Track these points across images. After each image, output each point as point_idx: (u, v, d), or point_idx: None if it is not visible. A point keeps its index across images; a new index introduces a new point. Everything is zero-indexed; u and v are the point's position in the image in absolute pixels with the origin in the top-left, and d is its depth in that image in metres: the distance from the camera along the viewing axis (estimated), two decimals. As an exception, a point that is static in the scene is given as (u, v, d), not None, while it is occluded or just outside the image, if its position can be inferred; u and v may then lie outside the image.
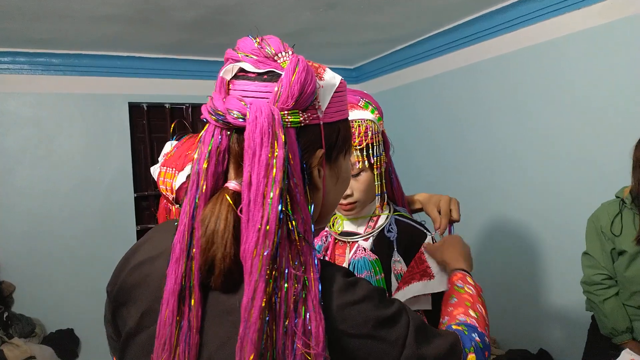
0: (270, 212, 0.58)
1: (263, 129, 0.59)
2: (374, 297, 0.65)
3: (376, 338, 0.62)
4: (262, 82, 0.64)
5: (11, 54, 3.02)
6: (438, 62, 3.32)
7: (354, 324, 0.62)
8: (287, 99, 0.62)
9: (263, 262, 0.57)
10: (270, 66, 0.64)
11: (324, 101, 0.67)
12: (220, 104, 0.64)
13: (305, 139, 0.65)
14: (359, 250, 1.17)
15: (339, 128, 0.71)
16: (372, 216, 1.21)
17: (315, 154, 0.67)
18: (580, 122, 2.40)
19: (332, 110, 0.68)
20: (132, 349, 0.70)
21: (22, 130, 3.12)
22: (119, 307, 0.74)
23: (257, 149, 0.59)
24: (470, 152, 3.11)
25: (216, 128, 0.65)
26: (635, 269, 1.75)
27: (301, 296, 0.59)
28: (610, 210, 1.84)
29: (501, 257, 2.90)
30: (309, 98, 0.64)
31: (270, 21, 2.73)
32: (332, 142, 0.69)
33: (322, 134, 0.67)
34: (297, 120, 0.63)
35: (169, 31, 2.83)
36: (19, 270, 3.06)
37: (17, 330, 2.82)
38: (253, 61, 0.65)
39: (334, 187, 0.74)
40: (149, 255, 0.72)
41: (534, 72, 2.63)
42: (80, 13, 2.42)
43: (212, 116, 0.64)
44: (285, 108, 0.62)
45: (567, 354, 2.51)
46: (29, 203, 3.12)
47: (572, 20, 2.41)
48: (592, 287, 1.89)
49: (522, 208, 2.76)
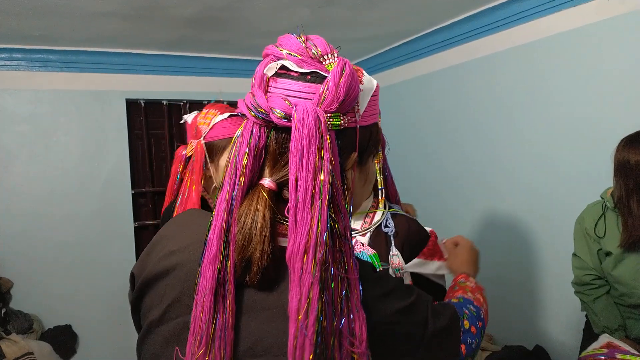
0: (321, 215, 0.58)
1: (311, 132, 0.59)
2: (399, 287, 0.70)
3: (404, 323, 0.67)
4: (306, 83, 0.63)
5: (8, 50, 3.02)
6: (437, 59, 3.32)
7: (386, 315, 0.65)
8: (332, 101, 0.61)
9: (318, 264, 0.57)
10: (315, 67, 0.64)
11: (363, 105, 0.68)
12: (263, 101, 0.63)
13: (343, 141, 0.65)
14: (357, 245, 1.19)
15: (371, 131, 0.72)
16: (368, 212, 1.23)
17: (351, 156, 0.67)
18: (572, 121, 2.42)
19: (368, 113, 0.69)
20: (154, 339, 0.69)
21: (19, 126, 3.12)
22: (143, 295, 0.73)
23: (304, 151, 0.59)
24: (470, 150, 3.11)
25: (254, 125, 0.65)
26: (622, 270, 1.77)
27: (346, 296, 0.60)
28: (593, 211, 1.86)
29: (497, 253, 2.91)
30: (352, 102, 0.65)
31: (267, 17, 2.72)
32: (364, 145, 0.71)
33: (357, 138, 0.67)
34: (338, 123, 0.63)
35: (166, 28, 2.82)
36: (16, 266, 3.06)
37: (14, 327, 2.82)
38: (297, 60, 0.64)
39: (361, 189, 0.76)
40: (179, 246, 0.71)
41: (529, 70, 2.64)
42: (77, 9, 2.42)
43: (252, 112, 0.64)
44: (329, 111, 0.62)
45: (563, 350, 2.52)
46: (26, 200, 3.12)
47: (566, 18, 2.41)
48: (582, 287, 1.91)
49: (519, 206, 2.77)
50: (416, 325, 0.69)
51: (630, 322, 1.82)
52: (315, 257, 0.57)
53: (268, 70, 0.65)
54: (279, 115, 0.61)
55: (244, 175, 0.64)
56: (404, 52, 3.53)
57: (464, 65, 3.10)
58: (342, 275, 0.60)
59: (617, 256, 1.76)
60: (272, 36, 3.10)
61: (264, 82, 0.65)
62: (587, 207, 1.90)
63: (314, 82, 0.63)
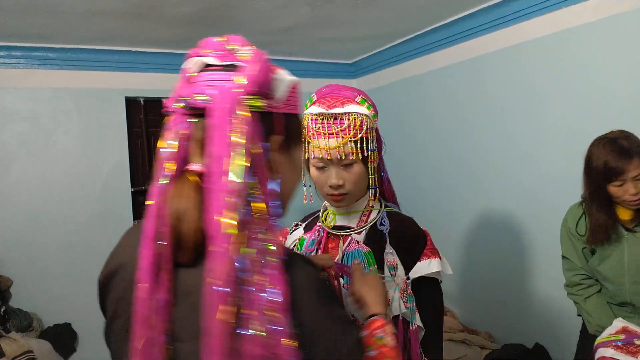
0: (234, 184, 0.62)
1: (227, 108, 0.64)
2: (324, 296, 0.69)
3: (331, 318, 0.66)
4: (225, 72, 0.69)
5: (7, 48, 3.01)
6: (428, 60, 3.33)
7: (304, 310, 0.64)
8: (249, 84, 0.67)
9: (232, 243, 0.60)
10: (232, 59, 0.70)
11: (281, 93, 0.73)
12: (186, 91, 0.68)
13: (265, 123, 0.70)
14: (352, 243, 1.19)
15: (292, 121, 0.77)
16: (364, 211, 1.23)
17: (274, 138, 0.72)
18: (563, 122, 2.43)
19: (288, 103, 0.75)
20: (113, 338, 0.74)
21: (19, 125, 3.12)
22: (104, 299, 0.78)
23: (221, 125, 0.64)
24: (461, 150, 3.11)
25: (180, 115, 0.69)
26: (607, 266, 1.78)
27: (265, 263, 0.62)
28: (575, 212, 1.89)
29: (497, 252, 2.91)
30: (269, 86, 0.70)
31: (266, 16, 2.72)
32: (289, 131, 0.75)
33: (280, 122, 0.72)
34: (258, 104, 0.68)
35: (165, 26, 2.82)
36: (16, 264, 3.06)
37: (14, 325, 2.82)
38: (217, 55, 0.70)
39: (290, 174, 0.78)
40: (124, 247, 0.77)
41: (519, 71, 2.67)
42: (76, 7, 2.41)
43: (176, 104, 0.69)
44: (247, 92, 0.67)
45: (562, 348, 2.52)
46: (25, 198, 3.12)
47: (555, 20, 2.44)
48: (573, 288, 1.93)
49: (513, 206, 2.77)
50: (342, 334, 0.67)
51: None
52: (229, 235, 0.60)
53: (189, 64, 0.71)
54: (200, 99, 0.66)
55: (170, 162, 0.68)
56: (394, 53, 3.54)
57: (455, 67, 3.11)
58: (262, 243, 0.62)
59: (601, 253, 1.78)
60: (272, 34, 3.12)
61: (186, 77, 0.71)
62: (570, 208, 1.93)
63: (231, 71, 0.69)
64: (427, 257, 1.16)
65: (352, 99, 1.15)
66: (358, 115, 1.13)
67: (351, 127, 1.12)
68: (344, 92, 1.17)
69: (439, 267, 1.15)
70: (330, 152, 1.12)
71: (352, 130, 1.12)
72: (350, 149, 1.12)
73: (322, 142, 1.12)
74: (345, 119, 1.12)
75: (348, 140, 1.11)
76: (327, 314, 0.67)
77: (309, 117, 1.16)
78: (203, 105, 0.66)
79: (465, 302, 3.20)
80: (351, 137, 1.12)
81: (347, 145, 1.12)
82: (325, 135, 1.12)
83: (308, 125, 1.15)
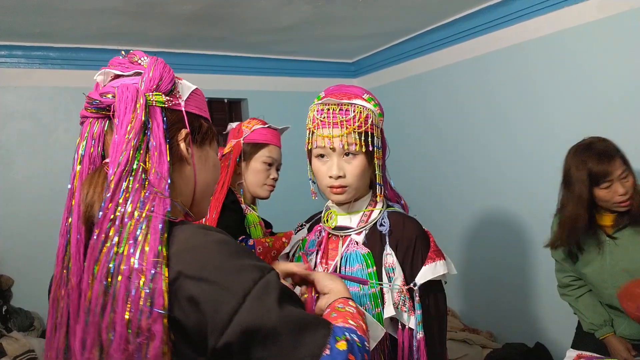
0: (120, 160, 0.70)
1: (128, 99, 0.73)
2: (227, 245, 0.69)
3: (214, 283, 0.64)
4: (131, 77, 0.80)
5: (8, 47, 3.01)
6: (430, 59, 3.32)
7: (192, 267, 0.65)
8: (150, 82, 0.77)
9: (106, 202, 0.68)
10: (136, 68, 0.80)
11: (184, 94, 0.83)
12: (96, 94, 0.77)
13: (170, 118, 0.79)
14: (352, 244, 1.18)
15: (201, 122, 0.86)
16: (365, 211, 1.22)
17: (181, 131, 0.80)
18: (565, 121, 2.43)
19: (192, 105, 0.84)
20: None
21: (19, 124, 3.12)
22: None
23: (122, 113, 0.73)
24: (463, 149, 3.11)
25: (93, 120, 0.78)
26: (590, 270, 1.81)
27: (141, 233, 0.66)
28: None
29: (498, 251, 2.91)
30: (169, 84, 0.80)
31: (268, 14, 2.71)
32: (196, 128, 0.84)
33: (185, 118, 0.81)
34: (161, 100, 0.78)
35: (166, 25, 2.82)
36: (17, 264, 3.06)
37: (15, 324, 2.82)
38: (122, 68, 0.81)
39: (204, 168, 0.86)
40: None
41: (521, 70, 2.67)
42: (77, 6, 2.41)
43: (88, 109, 0.78)
44: (150, 89, 0.77)
45: (563, 347, 2.51)
46: (26, 197, 3.12)
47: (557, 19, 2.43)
48: (565, 289, 1.98)
49: (515, 204, 2.77)
50: (229, 292, 0.65)
51: (616, 320, 1.85)
52: (106, 195, 0.68)
53: (98, 76, 0.82)
54: (108, 97, 0.75)
55: (82, 161, 0.77)
56: (405, 49, 3.52)
57: (457, 65, 3.10)
58: (140, 217, 0.67)
59: (584, 257, 1.80)
60: (272, 33, 3.11)
61: (96, 86, 0.81)
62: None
63: (137, 76, 0.79)
64: (432, 260, 1.14)
65: (359, 95, 1.16)
66: (364, 109, 1.14)
67: (356, 118, 1.12)
68: (351, 89, 1.18)
69: (445, 269, 1.14)
70: (334, 141, 1.12)
71: (357, 121, 1.12)
72: (354, 140, 1.12)
73: (326, 131, 1.12)
74: (351, 110, 1.12)
75: (352, 131, 1.11)
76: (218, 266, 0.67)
77: (315, 108, 1.16)
78: (108, 102, 0.75)
79: (466, 301, 3.20)
80: (355, 128, 1.11)
81: (350, 135, 1.12)
82: (329, 125, 1.12)
83: (314, 116, 1.15)
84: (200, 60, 3.54)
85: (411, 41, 3.41)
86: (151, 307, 0.62)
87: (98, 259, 0.66)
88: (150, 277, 0.63)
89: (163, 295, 0.62)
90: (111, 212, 0.67)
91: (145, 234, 0.66)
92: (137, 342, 0.62)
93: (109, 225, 0.67)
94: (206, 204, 0.90)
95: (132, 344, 0.62)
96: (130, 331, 0.62)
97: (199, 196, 0.85)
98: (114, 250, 0.65)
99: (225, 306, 0.63)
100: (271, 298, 0.66)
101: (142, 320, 0.62)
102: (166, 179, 0.73)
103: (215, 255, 0.67)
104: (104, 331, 0.63)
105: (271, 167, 1.81)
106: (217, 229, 0.73)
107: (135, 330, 0.62)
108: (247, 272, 0.67)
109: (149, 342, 0.62)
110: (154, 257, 0.64)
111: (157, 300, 0.62)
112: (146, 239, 0.65)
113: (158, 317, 0.62)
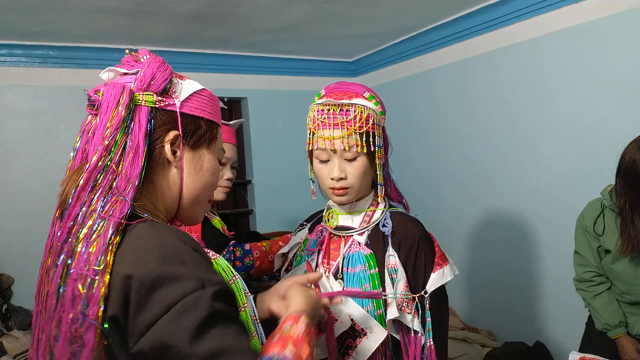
0: (93, 159, 0.70)
1: (111, 97, 0.73)
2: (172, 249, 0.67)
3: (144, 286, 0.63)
4: (131, 75, 0.79)
5: (8, 46, 3.01)
6: (438, 55, 3.31)
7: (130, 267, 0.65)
8: (142, 81, 0.76)
9: (73, 199, 0.69)
10: (138, 66, 0.79)
11: (182, 94, 0.80)
12: (92, 91, 0.77)
13: (159, 118, 0.78)
14: (354, 245, 1.17)
15: (199, 124, 0.82)
16: (367, 211, 1.21)
17: (169, 133, 0.78)
18: (575, 119, 2.41)
19: (192, 105, 0.81)
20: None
21: (19, 123, 3.11)
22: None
23: (102, 111, 0.73)
24: (472, 147, 3.11)
25: (90, 116, 0.78)
26: (622, 266, 1.77)
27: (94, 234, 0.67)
28: (593, 209, 1.86)
29: (498, 250, 2.91)
30: (162, 83, 0.78)
31: (267, 13, 2.71)
32: (190, 130, 0.81)
33: (179, 119, 0.79)
34: (151, 100, 0.76)
35: (166, 24, 2.81)
36: (17, 262, 3.06)
37: (16, 323, 2.83)
38: (127, 66, 0.81)
39: (194, 171, 0.82)
40: None
41: (531, 67, 2.63)
42: (77, 5, 2.41)
43: (88, 106, 0.78)
44: (141, 89, 0.76)
45: (563, 346, 2.53)
46: (26, 196, 3.12)
47: (569, 15, 2.40)
48: (583, 284, 1.92)
49: (520, 204, 2.76)
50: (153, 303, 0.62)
51: (632, 319, 1.82)
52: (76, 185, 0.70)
53: (103, 74, 0.82)
54: (99, 94, 0.75)
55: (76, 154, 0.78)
56: (405, 48, 3.51)
57: (466, 62, 3.09)
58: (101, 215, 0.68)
59: (616, 254, 1.75)
60: (273, 32, 3.11)
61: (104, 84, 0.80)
62: (588, 205, 1.90)
63: (135, 74, 0.79)
64: (439, 266, 1.14)
65: (360, 94, 1.14)
66: (365, 109, 1.12)
67: (357, 118, 1.10)
68: (352, 87, 1.16)
69: (451, 275, 1.14)
70: (334, 143, 1.10)
71: (357, 122, 1.10)
72: (355, 141, 1.10)
73: (327, 133, 1.11)
74: (352, 111, 1.10)
75: (353, 132, 1.10)
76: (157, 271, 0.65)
77: (315, 108, 1.14)
78: (98, 99, 0.75)
79: (466, 300, 3.20)
80: (356, 129, 1.10)
81: (351, 136, 1.10)
82: (330, 126, 1.10)
83: (314, 117, 1.14)
84: (199, 59, 3.54)
85: (411, 40, 3.40)
86: (84, 316, 0.62)
87: (58, 256, 0.67)
88: (88, 284, 0.63)
89: (98, 304, 0.62)
90: (76, 210, 0.68)
91: (96, 237, 0.66)
92: (73, 347, 0.62)
93: (72, 223, 0.68)
94: (198, 209, 0.86)
95: (69, 349, 0.63)
96: (70, 335, 0.62)
97: (186, 201, 0.82)
98: (70, 249, 0.66)
99: (147, 312, 0.62)
100: (193, 317, 0.61)
101: (76, 328, 0.62)
102: (133, 181, 0.72)
103: (153, 259, 0.65)
104: (53, 331, 0.64)
105: (224, 166, 1.69)
106: (179, 231, 0.72)
107: (71, 336, 0.62)
108: (180, 282, 0.63)
109: (82, 349, 0.62)
110: (96, 264, 0.64)
111: (92, 309, 0.62)
112: (94, 244, 0.65)
113: (90, 327, 0.62)
